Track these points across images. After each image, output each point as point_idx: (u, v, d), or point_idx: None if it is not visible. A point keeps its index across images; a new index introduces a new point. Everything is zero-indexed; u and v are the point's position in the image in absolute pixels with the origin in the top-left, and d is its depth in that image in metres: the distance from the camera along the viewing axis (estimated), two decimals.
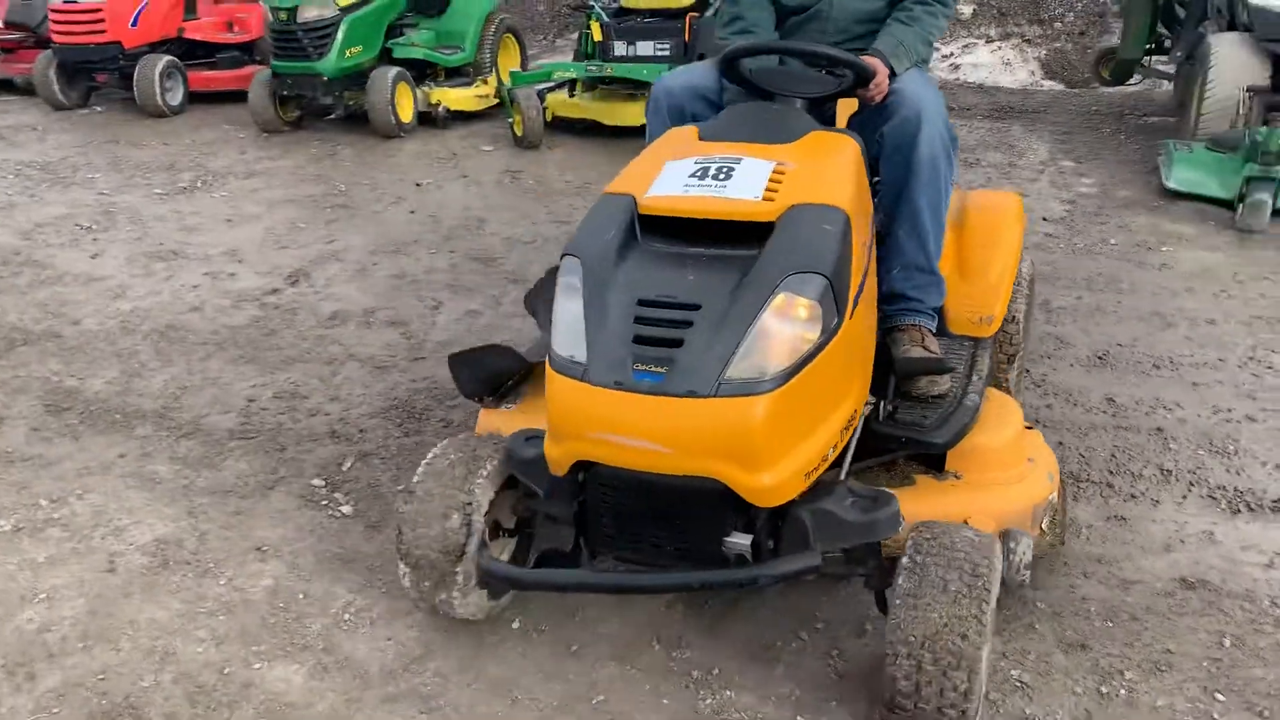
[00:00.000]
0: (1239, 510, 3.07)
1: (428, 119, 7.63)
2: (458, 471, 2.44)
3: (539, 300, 3.12)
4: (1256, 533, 2.97)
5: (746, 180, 2.27)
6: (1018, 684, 2.42)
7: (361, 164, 6.84)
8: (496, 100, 8.08)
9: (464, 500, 2.41)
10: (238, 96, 8.06)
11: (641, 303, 2.13)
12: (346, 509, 3.11)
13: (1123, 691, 2.39)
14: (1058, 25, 10.62)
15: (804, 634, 2.58)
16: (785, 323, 2.07)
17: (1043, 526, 2.60)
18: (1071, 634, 2.58)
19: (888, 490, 2.33)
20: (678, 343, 2.06)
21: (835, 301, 2.14)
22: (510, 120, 7.17)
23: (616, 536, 2.26)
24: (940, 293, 2.83)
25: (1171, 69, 7.93)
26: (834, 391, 2.23)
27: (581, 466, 2.22)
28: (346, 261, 5.11)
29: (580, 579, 2.35)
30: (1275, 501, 3.09)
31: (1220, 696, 2.38)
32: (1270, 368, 3.90)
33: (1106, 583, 2.76)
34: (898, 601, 2.13)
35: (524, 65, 8.85)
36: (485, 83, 8.09)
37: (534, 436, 2.42)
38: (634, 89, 7.37)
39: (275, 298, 4.68)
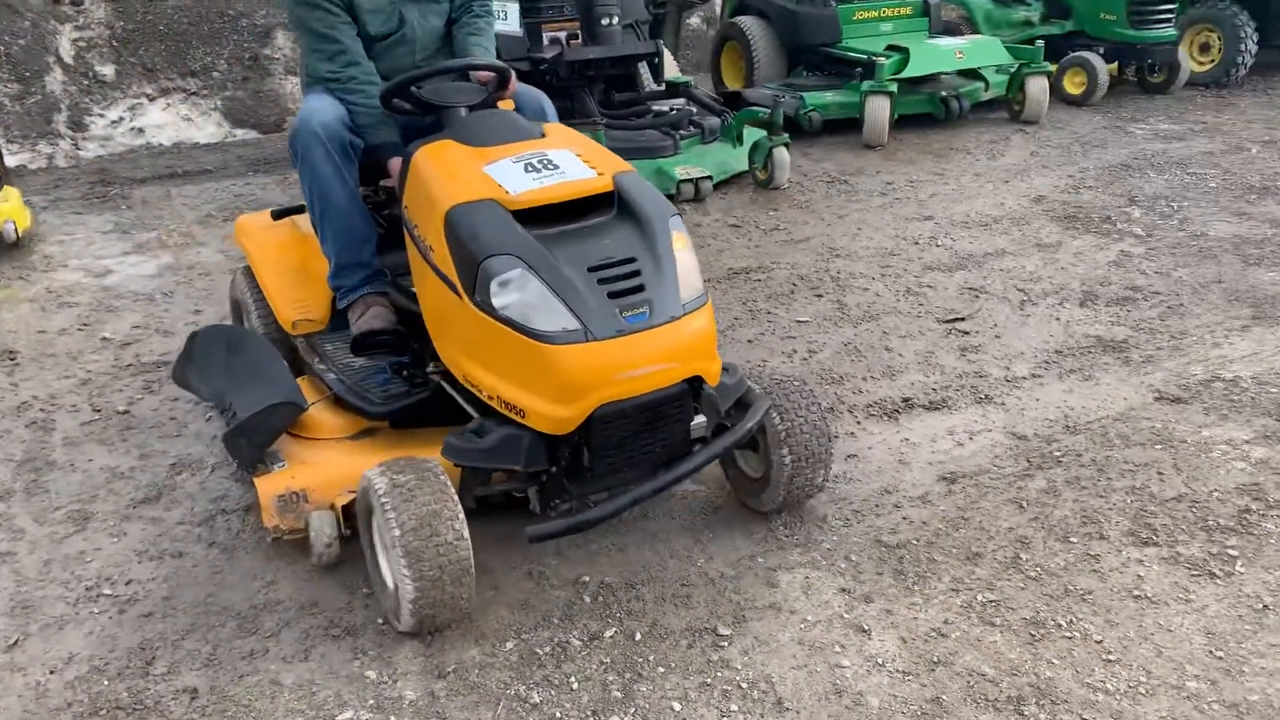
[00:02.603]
0: (894, 415, 3.80)
1: None
2: (432, 498, 2.56)
3: (190, 370, 3.39)
4: (922, 426, 3.73)
5: (571, 165, 2.77)
6: (988, 604, 2.78)
7: None
8: None
9: (456, 516, 2.57)
10: None
11: (591, 269, 2.57)
12: None
13: (1037, 568, 2.92)
14: (216, 75, 10.41)
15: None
16: (685, 252, 2.71)
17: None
18: (959, 551, 3.01)
19: (730, 361, 2.97)
20: (641, 288, 2.58)
21: None
22: None
23: (618, 461, 2.67)
24: None
25: None
26: None
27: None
28: None
29: (625, 499, 2.64)
30: (904, 400, 3.90)
31: (1073, 539, 3.05)
32: (772, 317, 4.75)
33: (914, 505, 3.25)
34: (778, 425, 2.98)
35: None
36: None
37: (466, 432, 2.73)
38: None
39: None
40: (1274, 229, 5.54)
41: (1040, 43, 8.17)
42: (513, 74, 3.31)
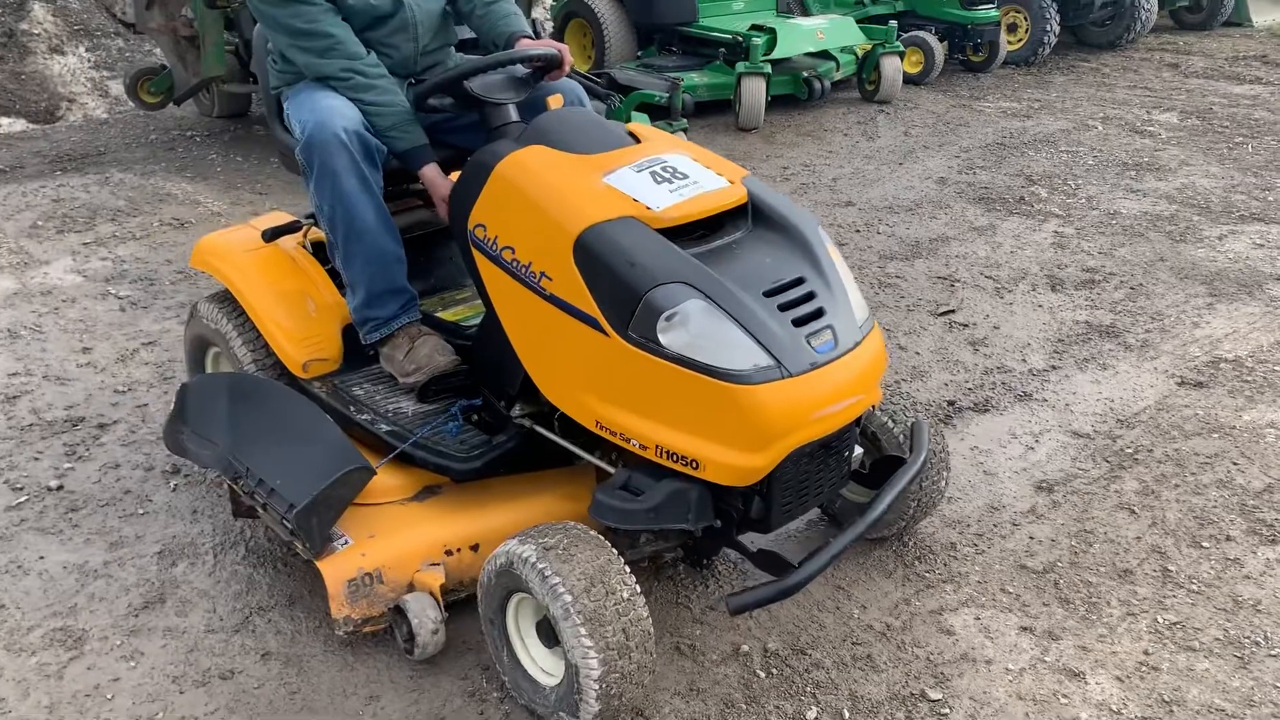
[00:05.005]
0: (948, 420, 3.62)
1: None
2: (594, 553, 2.21)
3: (183, 432, 2.79)
4: (981, 430, 3.57)
5: (701, 174, 2.45)
6: (1173, 626, 2.65)
7: None
8: None
9: (625, 570, 2.23)
10: None
11: (766, 294, 2.26)
12: None
13: (1192, 580, 2.82)
14: None
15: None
16: (843, 266, 2.44)
17: None
18: (1107, 569, 2.87)
19: None
20: (821, 312, 2.29)
21: None
22: None
23: (794, 506, 2.39)
24: None
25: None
26: None
27: None
28: None
29: (831, 552, 2.33)
30: (948, 402, 3.73)
31: (1204, 544, 2.97)
32: None
33: (1030, 521, 3.08)
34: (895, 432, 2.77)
35: None
36: None
37: (616, 488, 2.33)
38: None
39: None
40: (1173, 205, 5.81)
41: (894, 23, 8.28)
42: (562, 50, 2.83)
